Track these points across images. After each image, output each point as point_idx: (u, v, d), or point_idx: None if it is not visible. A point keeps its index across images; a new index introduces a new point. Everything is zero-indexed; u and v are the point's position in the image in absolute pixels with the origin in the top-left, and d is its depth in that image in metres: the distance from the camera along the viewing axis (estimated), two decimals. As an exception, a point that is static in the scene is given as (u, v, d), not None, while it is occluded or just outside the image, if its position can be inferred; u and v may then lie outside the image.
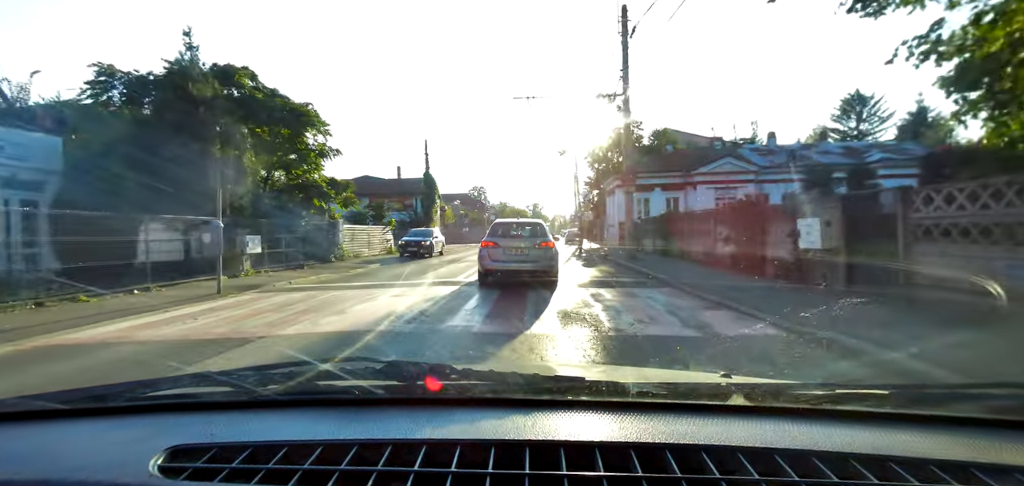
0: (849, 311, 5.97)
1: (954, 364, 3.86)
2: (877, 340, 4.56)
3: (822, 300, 6.65)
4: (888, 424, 0.93)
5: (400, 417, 0.99)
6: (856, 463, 0.79)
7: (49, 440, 0.95)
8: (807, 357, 4.52)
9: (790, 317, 5.82)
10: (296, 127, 18.21)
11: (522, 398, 1.05)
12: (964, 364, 3.91)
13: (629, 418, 0.95)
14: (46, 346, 5.64)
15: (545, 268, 10.09)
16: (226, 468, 0.81)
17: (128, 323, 6.88)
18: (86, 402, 1.11)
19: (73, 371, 4.67)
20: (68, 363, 4.92)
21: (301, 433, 0.93)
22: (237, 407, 1.09)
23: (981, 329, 4.95)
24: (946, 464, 0.78)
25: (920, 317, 5.71)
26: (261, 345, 5.43)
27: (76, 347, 5.53)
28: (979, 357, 4.17)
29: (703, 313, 6.89)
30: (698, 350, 4.85)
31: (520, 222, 11.79)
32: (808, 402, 1.02)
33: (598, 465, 0.79)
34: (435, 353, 5.08)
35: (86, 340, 5.86)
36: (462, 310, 7.52)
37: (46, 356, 5.21)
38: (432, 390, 1.08)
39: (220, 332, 6.14)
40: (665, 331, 5.80)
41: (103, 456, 0.88)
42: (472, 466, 0.79)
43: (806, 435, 0.88)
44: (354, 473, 0.78)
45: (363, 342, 5.57)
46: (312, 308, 8.01)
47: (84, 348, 5.47)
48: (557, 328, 6.03)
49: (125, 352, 5.27)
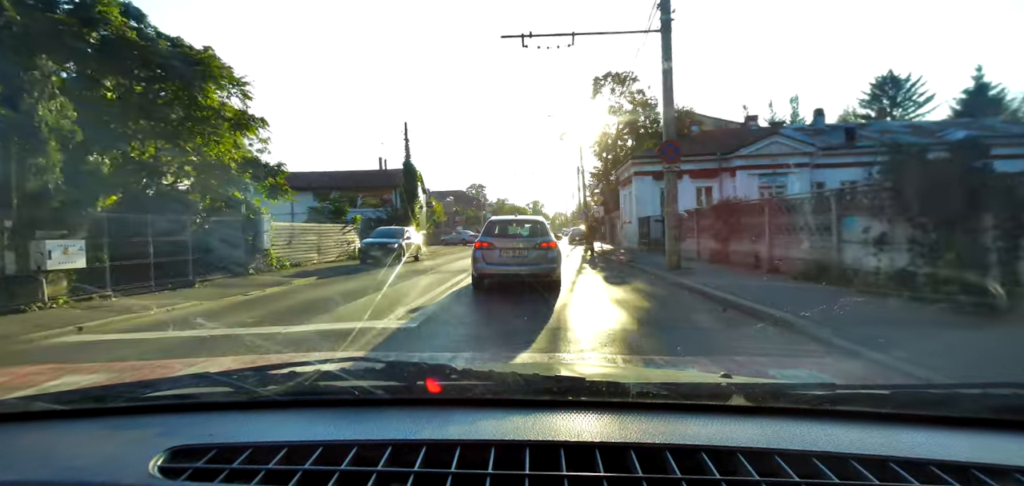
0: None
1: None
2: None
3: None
4: (888, 424, 0.92)
5: (400, 417, 0.99)
6: (856, 463, 0.78)
7: (49, 440, 0.93)
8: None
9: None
10: (189, 82, 12.62)
11: (522, 399, 1.04)
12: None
13: (629, 418, 0.95)
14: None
15: (547, 271, 8.89)
16: (226, 469, 0.80)
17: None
18: (86, 402, 1.10)
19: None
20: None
21: (301, 433, 0.93)
22: (237, 407, 1.08)
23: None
24: (946, 464, 0.78)
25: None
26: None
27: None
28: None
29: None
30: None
31: (518, 219, 10.42)
32: (808, 402, 1.01)
33: (598, 466, 0.79)
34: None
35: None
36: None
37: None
38: (432, 391, 1.06)
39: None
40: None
41: (103, 456, 0.86)
42: (472, 467, 0.79)
43: (806, 435, 0.87)
44: (354, 474, 0.78)
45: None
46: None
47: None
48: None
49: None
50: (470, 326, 6.47)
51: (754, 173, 22.82)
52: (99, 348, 5.69)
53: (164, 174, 13.42)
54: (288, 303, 8.80)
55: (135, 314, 7.78)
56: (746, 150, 22.97)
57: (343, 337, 5.70)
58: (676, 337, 5.58)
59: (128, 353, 5.38)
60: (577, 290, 9.39)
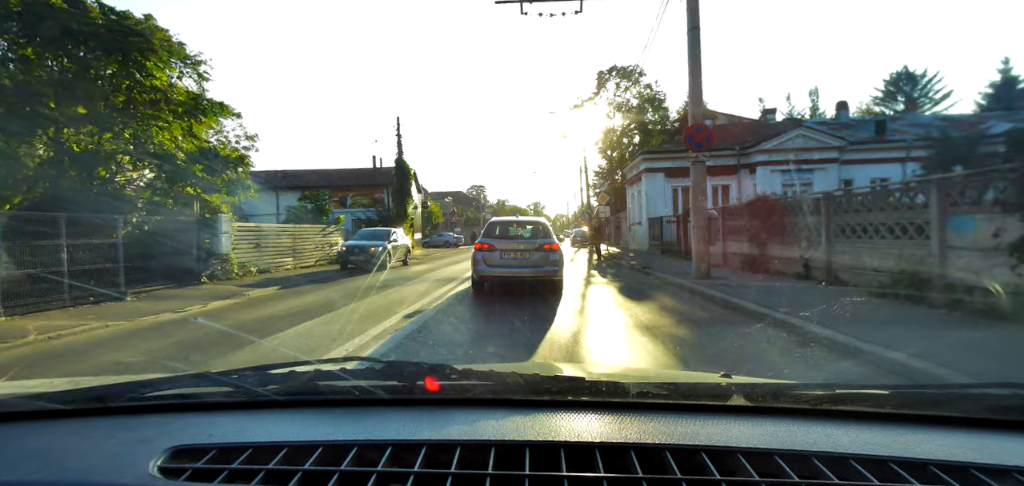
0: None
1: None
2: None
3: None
4: (888, 424, 0.92)
5: (400, 417, 0.98)
6: (856, 464, 0.78)
7: (49, 440, 0.93)
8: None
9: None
10: (126, 55, 10.62)
11: (522, 399, 1.04)
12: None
13: (629, 418, 0.94)
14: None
15: (549, 273, 8.39)
16: (226, 469, 0.80)
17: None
18: (86, 402, 1.08)
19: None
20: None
21: (301, 434, 0.92)
22: (237, 407, 1.08)
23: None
24: (946, 465, 0.78)
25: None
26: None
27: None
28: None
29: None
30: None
31: (519, 220, 9.92)
32: (808, 403, 1.00)
33: (598, 466, 0.79)
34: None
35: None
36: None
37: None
38: (432, 390, 1.06)
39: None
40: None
41: (103, 456, 0.86)
42: (472, 467, 0.79)
43: (806, 436, 0.87)
44: (354, 474, 0.78)
45: None
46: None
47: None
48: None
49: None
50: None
51: (776, 169, 20.79)
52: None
53: (103, 166, 11.39)
54: (217, 327, 6.80)
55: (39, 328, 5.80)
56: (768, 144, 20.94)
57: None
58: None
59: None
60: (589, 309, 7.38)
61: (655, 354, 4.73)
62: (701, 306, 7.45)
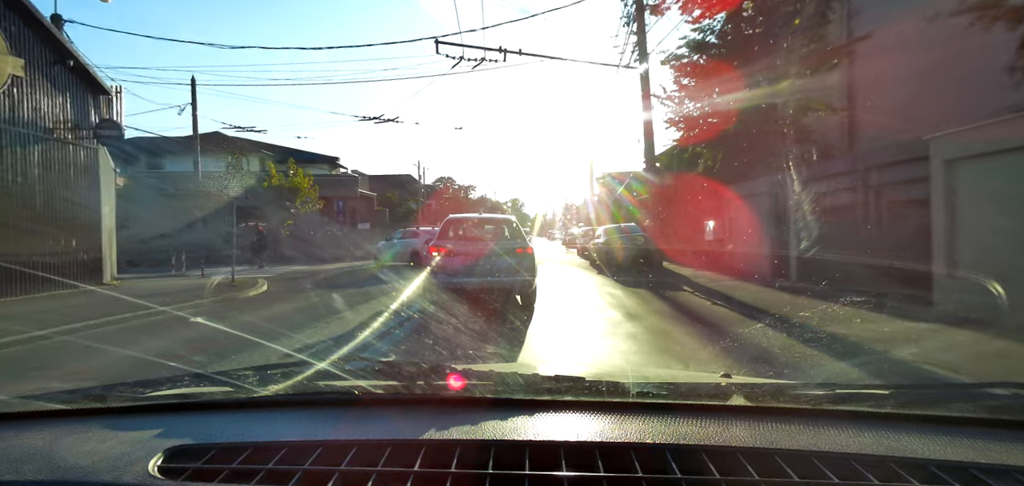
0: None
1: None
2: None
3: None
4: (889, 424, 0.92)
5: (400, 417, 0.99)
6: (857, 464, 0.79)
7: (49, 440, 0.93)
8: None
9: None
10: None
11: (522, 398, 1.03)
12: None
13: (629, 418, 0.94)
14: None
15: (523, 282, 7.40)
16: (226, 469, 0.81)
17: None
18: (86, 402, 1.10)
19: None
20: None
21: (301, 433, 0.93)
22: (237, 407, 1.08)
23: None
24: (946, 465, 0.78)
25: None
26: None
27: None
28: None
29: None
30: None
31: (484, 218, 9.53)
32: (809, 402, 1.01)
33: (598, 466, 0.79)
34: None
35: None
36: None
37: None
38: (432, 390, 1.07)
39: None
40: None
41: (103, 456, 0.86)
42: (472, 467, 0.79)
43: (807, 436, 0.87)
44: (354, 473, 0.78)
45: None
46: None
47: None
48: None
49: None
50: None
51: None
52: None
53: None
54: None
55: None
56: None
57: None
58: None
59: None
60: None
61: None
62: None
